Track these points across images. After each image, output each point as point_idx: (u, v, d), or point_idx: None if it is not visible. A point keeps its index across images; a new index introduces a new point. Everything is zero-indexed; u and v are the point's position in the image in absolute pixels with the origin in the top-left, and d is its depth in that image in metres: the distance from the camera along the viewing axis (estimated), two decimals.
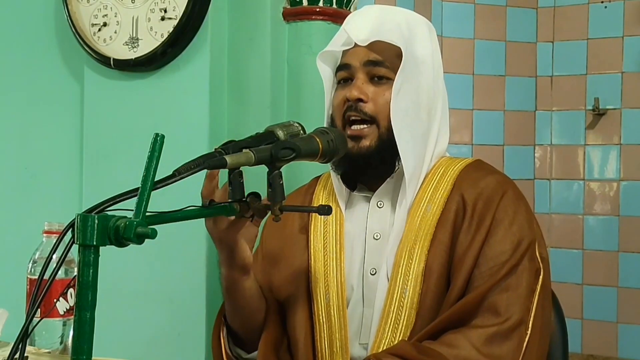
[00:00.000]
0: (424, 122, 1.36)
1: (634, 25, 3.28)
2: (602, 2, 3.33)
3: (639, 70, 3.27)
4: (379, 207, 1.39)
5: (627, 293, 3.27)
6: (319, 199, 1.46)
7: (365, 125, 1.34)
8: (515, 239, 1.28)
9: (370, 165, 1.35)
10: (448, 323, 1.24)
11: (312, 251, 1.41)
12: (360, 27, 1.35)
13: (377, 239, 1.37)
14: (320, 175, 1.52)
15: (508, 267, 1.25)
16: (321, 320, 1.37)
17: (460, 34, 3.33)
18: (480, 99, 3.37)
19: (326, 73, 1.43)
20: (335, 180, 1.41)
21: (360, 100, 1.34)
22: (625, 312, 3.27)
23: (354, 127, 1.35)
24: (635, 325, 3.26)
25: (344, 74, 1.38)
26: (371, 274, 1.36)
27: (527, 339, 1.23)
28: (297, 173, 1.77)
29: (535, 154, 3.45)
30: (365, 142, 1.34)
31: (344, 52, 1.40)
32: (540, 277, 1.28)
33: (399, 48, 1.33)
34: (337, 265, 1.38)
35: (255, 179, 1.24)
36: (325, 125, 1.40)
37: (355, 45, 1.36)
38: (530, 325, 1.24)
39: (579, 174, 3.39)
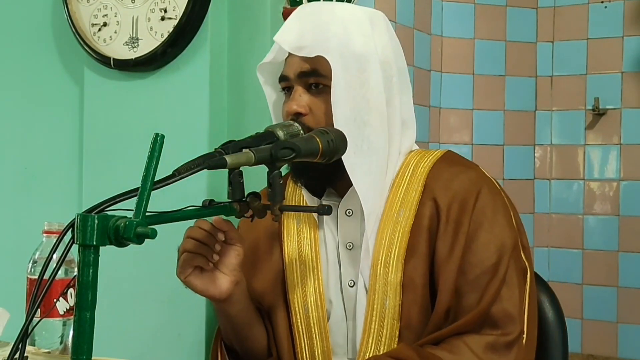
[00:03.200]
0: (375, 126, 1.28)
1: (634, 25, 3.27)
2: (602, 2, 3.33)
3: (639, 70, 3.27)
4: (348, 216, 1.34)
5: (627, 293, 3.27)
6: (291, 201, 1.42)
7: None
8: (498, 243, 1.24)
9: (315, 172, 1.30)
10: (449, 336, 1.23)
11: (286, 261, 1.36)
12: (290, 34, 1.31)
13: (350, 249, 1.34)
14: (287, 176, 1.45)
15: (499, 280, 1.22)
16: (301, 332, 1.34)
17: (460, 34, 3.32)
18: (480, 99, 3.37)
19: (266, 85, 1.40)
20: (305, 192, 1.37)
21: (300, 114, 1.29)
22: (625, 312, 3.27)
23: None
24: (635, 325, 3.25)
25: (284, 84, 1.34)
26: (349, 286, 1.32)
27: (524, 342, 1.23)
28: None
29: (535, 154, 3.45)
30: None
31: (285, 60, 1.35)
32: (528, 275, 1.27)
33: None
34: (314, 275, 1.34)
35: (255, 179, 1.24)
36: None
37: (291, 54, 1.32)
38: (525, 327, 1.23)
39: (579, 174, 3.39)
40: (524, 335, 1.23)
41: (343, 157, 1.23)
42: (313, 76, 1.30)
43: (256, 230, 1.41)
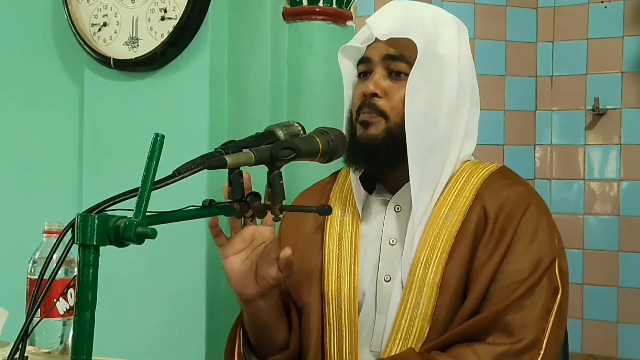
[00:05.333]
0: (443, 127, 1.31)
1: (634, 25, 3.28)
2: (602, 2, 3.33)
3: (639, 70, 3.27)
4: (397, 212, 1.36)
5: (627, 293, 3.27)
6: (336, 197, 1.43)
7: (374, 115, 1.31)
8: (534, 258, 1.24)
9: (376, 158, 1.31)
10: (459, 338, 1.22)
11: (326, 252, 1.38)
12: (383, 22, 1.32)
13: (392, 245, 1.34)
14: (339, 171, 1.48)
15: (525, 287, 1.22)
16: (332, 324, 1.35)
17: None
18: (480, 99, 3.37)
19: (347, 67, 1.40)
20: (354, 179, 1.38)
21: (375, 95, 1.31)
22: (625, 312, 3.27)
23: (365, 114, 1.32)
24: (635, 325, 3.25)
25: (364, 67, 1.36)
26: (385, 280, 1.33)
27: (539, 359, 1.21)
28: (297, 173, 1.77)
29: (536, 154, 3.45)
30: (372, 131, 1.31)
31: (367, 47, 1.37)
32: (559, 295, 1.25)
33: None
34: (351, 268, 1.35)
35: (255, 179, 1.23)
36: (344, 119, 1.39)
37: (377, 40, 1.34)
38: (544, 345, 1.21)
39: (579, 174, 3.39)
40: (542, 352, 1.21)
41: (408, 150, 1.27)
42: (398, 61, 1.32)
43: (302, 225, 1.43)
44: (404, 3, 1.38)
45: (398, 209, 1.36)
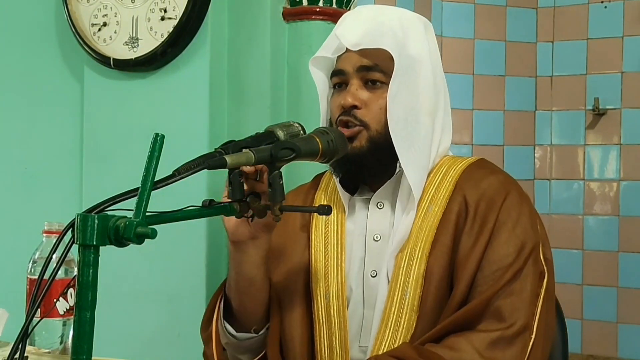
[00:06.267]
0: (426, 125, 1.33)
1: (634, 25, 3.28)
2: (602, 2, 3.33)
3: (639, 70, 3.27)
4: (379, 208, 1.37)
5: (627, 293, 3.27)
6: (321, 199, 1.45)
7: (356, 127, 1.32)
8: (519, 242, 1.26)
9: (363, 166, 1.33)
10: (452, 328, 1.23)
11: (312, 250, 1.40)
12: (352, 32, 1.33)
13: (377, 241, 1.36)
14: (323, 174, 1.50)
15: (512, 272, 1.24)
16: (321, 320, 1.36)
17: (460, 34, 3.33)
18: (480, 99, 3.37)
19: (319, 78, 1.41)
20: (338, 184, 1.40)
21: (355, 106, 1.32)
22: (625, 312, 3.27)
23: (346, 130, 1.33)
24: (635, 325, 3.26)
25: (338, 79, 1.37)
26: (372, 276, 1.35)
27: (531, 343, 1.22)
28: (297, 173, 1.77)
29: (535, 154, 3.45)
30: (357, 143, 1.32)
31: (338, 57, 1.38)
32: (545, 280, 1.27)
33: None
34: (338, 265, 1.37)
35: None
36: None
37: (348, 50, 1.34)
38: (534, 330, 1.23)
39: (579, 174, 3.39)
40: (532, 336, 1.23)
41: (399, 155, 1.29)
42: (374, 71, 1.33)
43: (289, 224, 1.44)
44: (369, 9, 1.39)
45: (380, 205, 1.37)
